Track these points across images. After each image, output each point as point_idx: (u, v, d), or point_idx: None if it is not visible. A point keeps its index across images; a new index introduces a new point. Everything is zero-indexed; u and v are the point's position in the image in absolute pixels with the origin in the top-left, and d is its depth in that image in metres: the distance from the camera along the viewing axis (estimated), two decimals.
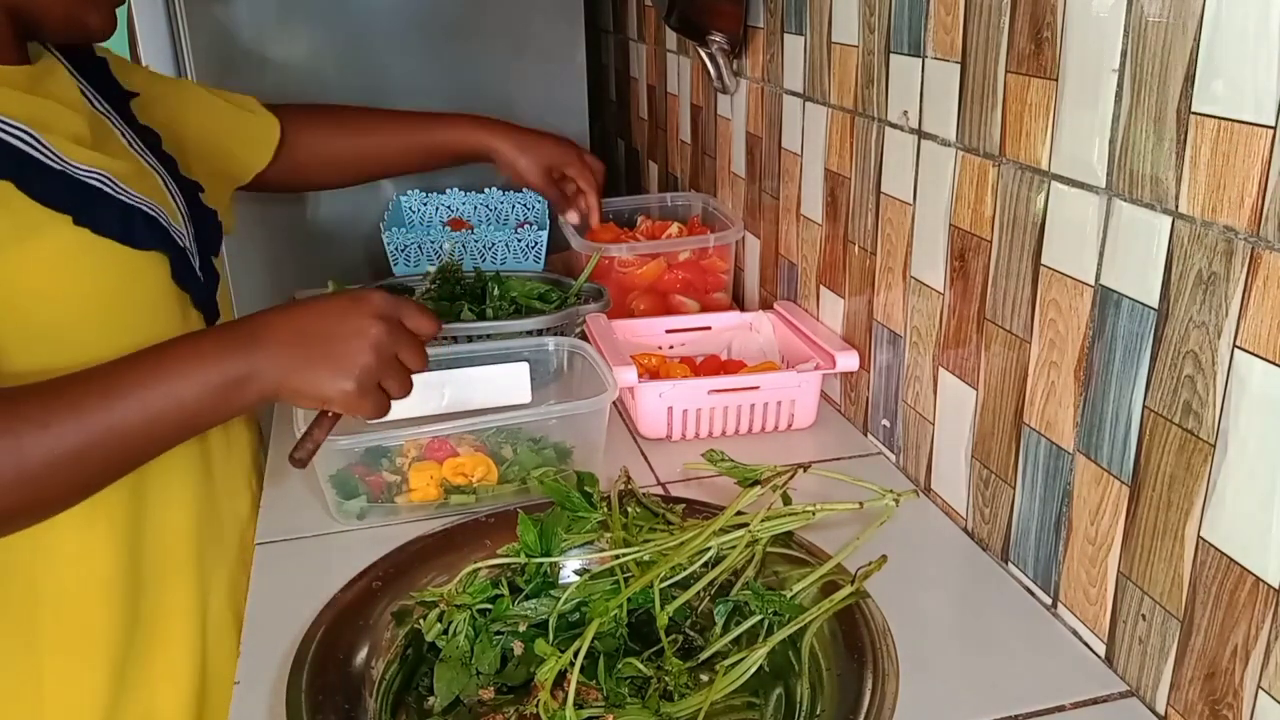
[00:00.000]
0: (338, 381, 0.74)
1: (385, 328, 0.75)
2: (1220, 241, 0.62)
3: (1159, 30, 0.65)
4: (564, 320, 1.21)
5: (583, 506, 0.82)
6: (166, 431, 0.72)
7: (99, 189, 0.79)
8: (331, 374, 0.74)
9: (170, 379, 0.71)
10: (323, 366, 0.74)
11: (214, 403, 0.72)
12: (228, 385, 0.72)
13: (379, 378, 0.76)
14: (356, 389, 0.74)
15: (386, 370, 0.76)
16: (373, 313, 0.75)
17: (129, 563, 0.84)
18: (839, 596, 0.74)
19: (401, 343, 0.76)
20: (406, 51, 1.73)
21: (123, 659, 0.84)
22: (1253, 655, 0.63)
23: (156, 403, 0.70)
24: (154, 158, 0.91)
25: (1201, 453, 0.65)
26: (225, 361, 0.72)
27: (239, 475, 1.00)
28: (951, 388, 0.94)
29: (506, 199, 1.69)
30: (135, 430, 0.70)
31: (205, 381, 0.71)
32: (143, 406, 0.70)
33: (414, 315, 0.78)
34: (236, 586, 0.94)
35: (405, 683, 0.75)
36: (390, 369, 0.76)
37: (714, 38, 1.33)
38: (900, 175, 0.99)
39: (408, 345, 0.77)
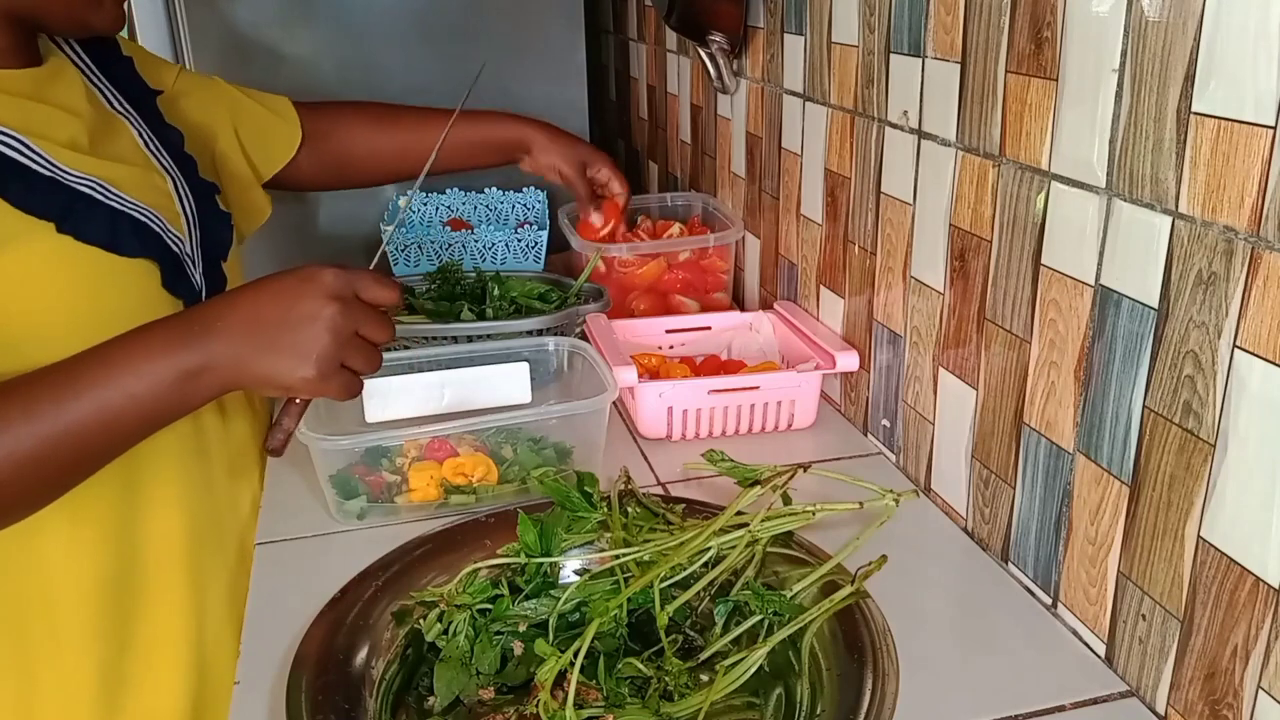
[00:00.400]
0: (296, 369, 0.72)
1: (339, 307, 0.72)
2: (1220, 241, 0.62)
3: (1159, 30, 0.65)
4: (564, 320, 1.21)
5: (583, 506, 0.82)
6: (124, 429, 0.71)
7: (88, 195, 0.78)
8: (289, 361, 0.71)
9: (121, 376, 0.69)
10: (279, 354, 0.71)
11: (171, 397, 0.71)
12: (182, 378, 0.70)
13: (340, 360, 0.73)
14: (317, 375, 0.72)
15: (347, 350, 0.73)
16: (325, 293, 0.72)
17: (120, 564, 0.83)
18: (839, 596, 0.74)
19: (360, 319, 0.74)
20: (406, 51, 1.73)
21: (116, 661, 0.84)
22: (1253, 655, 0.63)
23: (110, 401, 0.69)
24: (169, 159, 0.90)
25: (1201, 453, 0.65)
26: (176, 354, 0.70)
27: (241, 472, 0.99)
28: (951, 388, 0.94)
29: (506, 199, 1.69)
30: (90, 430, 0.69)
31: (158, 376, 0.70)
32: (96, 406, 0.69)
33: (370, 286, 0.75)
34: (238, 587, 0.93)
35: (405, 683, 0.75)
36: (351, 348, 0.73)
37: (714, 38, 1.33)
38: (900, 175, 0.99)
39: (367, 320, 0.74)
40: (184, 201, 0.88)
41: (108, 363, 0.70)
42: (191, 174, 0.92)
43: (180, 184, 0.89)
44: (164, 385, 0.70)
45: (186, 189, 0.90)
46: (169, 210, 0.85)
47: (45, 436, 0.68)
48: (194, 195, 0.90)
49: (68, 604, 0.81)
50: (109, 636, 0.83)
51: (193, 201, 0.90)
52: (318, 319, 0.71)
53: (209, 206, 0.92)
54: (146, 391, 0.70)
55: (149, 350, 0.70)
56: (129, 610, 0.85)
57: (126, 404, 0.70)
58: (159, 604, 0.87)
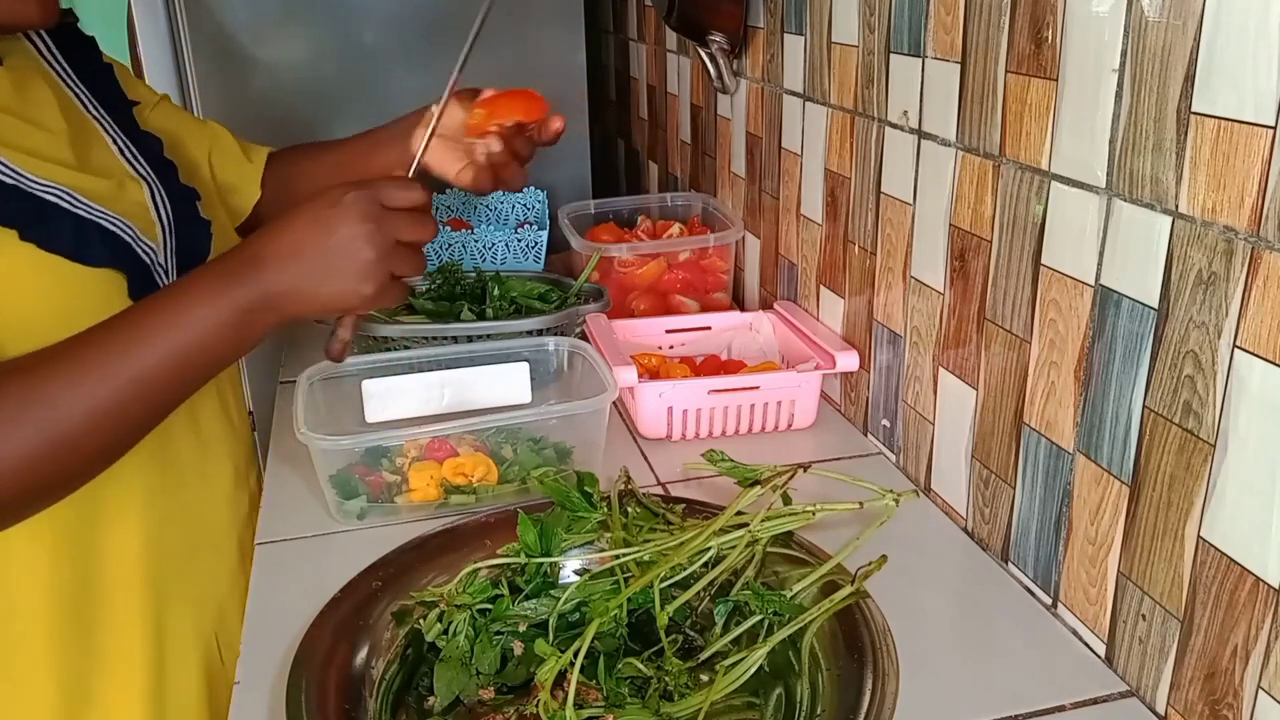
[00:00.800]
0: (355, 289, 0.74)
1: (374, 224, 0.74)
2: (1220, 241, 0.62)
3: (1159, 30, 0.65)
4: (564, 320, 1.21)
5: (583, 506, 0.82)
6: (193, 371, 0.73)
7: (54, 204, 0.76)
8: (345, 284, 0.74)
9: (189, 318, 0.71)
10: (333, 279, 0.74)
11: (237, 334, 0.72)
12: (246, 312, 0.72)
13: (389, 270, 0.75)
14: (374, 290, 0.75)
15: (392, 260, 0.75)
16: (357, 215, 0.74)
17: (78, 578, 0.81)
18: (839, 596, 0.74)
19: (397, 227, 0.76)
20: (406, 51, 1.73)
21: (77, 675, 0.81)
22: (1253, 655, 0.63)
23: (177, 345, 0.70)
24: (147, 166, 0.88)
25: (1201, 453, 0.65)
26: (235, 290, 0.72)
27: (216, 484, 0.95)
28: (951, 388, 0.94)
29: (506, 199, 1.69)
30: (161, 377, 0.70)
31: (220, 317, 0.71)
32: (168, 351, 0.70)
33: (394, 193, 0.77)
34: (205, 602, 0.91)
35: (405, 683, 0.75)
36: (395, 255, 0.75)
37: (714, 38, 1.33)
38: (900, 175, 0.99)
39: (403, 225, 0.76)
40: (160, 209, 0.87)
41: (169, 309, 0.71)
42: (171, 180, 0.90)
43: (158, 191, 0.87)
44: (227, 324, 0.72)
45: (164, 196, 0.88)
46: (142, 219, 0.84)
47: (118, 387, 0.68)
48: (172, 202, 0.88)
49: (26, 618, 0.79)
50: (69, 650, 0.81)
51: (170, 209, 0.88)
52: (358, 238, 0.73)
53: (187, 213, 0.90)
54: (213, 331, 0.71)
55: (205, 293, 0.72)
56: (89, 624, 0.82)
57: (193, 345, 0.71)
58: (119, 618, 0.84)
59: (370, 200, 0.75)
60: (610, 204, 1.58)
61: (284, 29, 1.69)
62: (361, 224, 0.74)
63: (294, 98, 1.71)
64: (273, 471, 1.08)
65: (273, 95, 1.71)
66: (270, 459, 1.10)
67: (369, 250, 0.74)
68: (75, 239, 0.76)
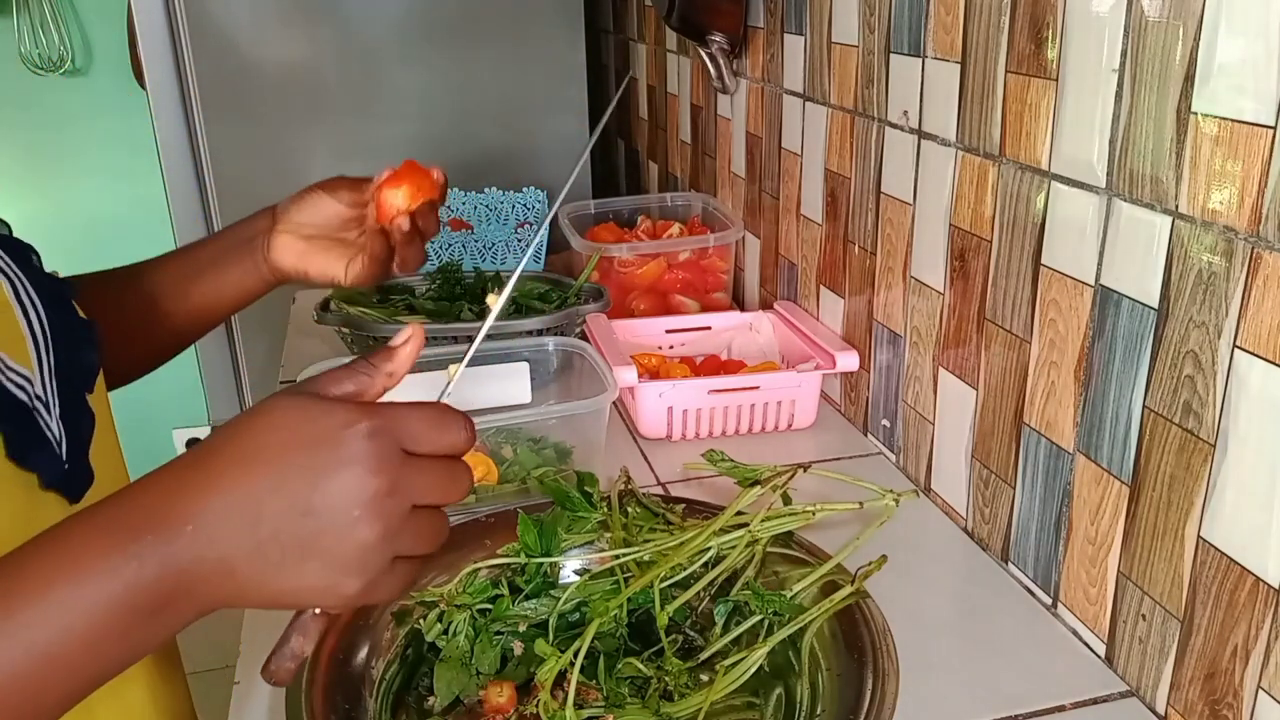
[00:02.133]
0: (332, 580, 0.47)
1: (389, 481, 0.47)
2: (1220, 241, 0.62)
3: (1159, 30, 0.65)
4: (564, 320, 1.21)
5: (583, 506, 0.82)
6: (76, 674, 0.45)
7: None
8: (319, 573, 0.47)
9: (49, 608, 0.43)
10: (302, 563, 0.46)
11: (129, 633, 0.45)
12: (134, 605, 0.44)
13: (391, 552, 0.48)
14: (361, 586, 0.48)
15: (401, 536, 0.48)
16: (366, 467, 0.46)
17: None
18: (839, 596, 0.74)
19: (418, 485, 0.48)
20: (406, 52, 1.74)
21: None
22: (1253, 655, 0.63)
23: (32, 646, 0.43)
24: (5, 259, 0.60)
25: (1201, 453, 0.65)
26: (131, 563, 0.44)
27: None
28: (951, 388, 0.94)
29: (506, 199, 1.69)
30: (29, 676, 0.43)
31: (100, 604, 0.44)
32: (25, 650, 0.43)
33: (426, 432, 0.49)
34: None
35: (405, 683, 0.75)
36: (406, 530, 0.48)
37: (714, 38, 1.33)
38: (900, 175, 0.99)
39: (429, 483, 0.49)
40: (29, 312, 0.59)
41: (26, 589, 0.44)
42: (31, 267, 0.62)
43: (21, 286, 0.59)
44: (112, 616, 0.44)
45: (30, 292, 0.60)
46: (7, 334, 0.57)
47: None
48: (41, 300, 0.60)
49: None
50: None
51: (40, 310, 0.60)
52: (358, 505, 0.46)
53: (61, 314, 0.62)
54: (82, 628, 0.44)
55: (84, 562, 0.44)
56: None
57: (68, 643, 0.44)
58: None
59: (391, 442, 0.47)
60: (610, 204, 1.58)
61: (284, 29, 1.69)
62: (370, 481, 0.46)
63: (294, 98, 1.71)
64: None
65: (272, 95, 1.71)
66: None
67: (371, 527, 0.46)
68: None
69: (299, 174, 1.74)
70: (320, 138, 1.74)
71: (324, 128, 1.74)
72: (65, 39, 2.76)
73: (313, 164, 1.74)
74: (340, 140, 1.74)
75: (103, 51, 2.71)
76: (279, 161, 1.72)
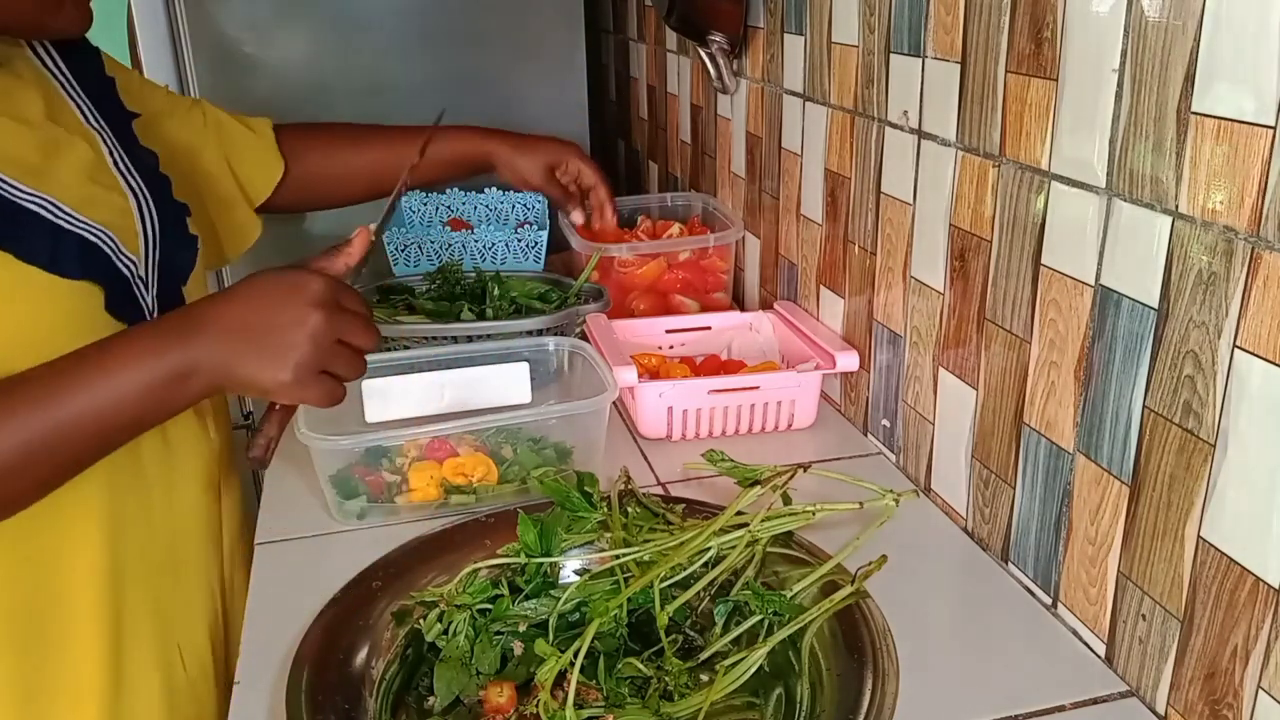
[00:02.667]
0: (274, 372, 0.72)
1: (323, 315, 0.73)
2: (1220, 241, 0.62)
3: (1159, 30, 0.65)
4: (564, 320, 1.21)
5: (583, 506, 0.82)
6: (114, 430, 0.72)
7: (33, 212, 0.76)
8: (270, 366, 0.72)
9: (111, 377, 0.70)
10: (261, 358, 0.72)
11: (158, 399, 0.72)
12: (170, 380, 0.71)
13: (319, 366, 0.74)
14: (294, 380, 0.73)
15: (328, 357, 0.74)
16: (311, 300, 0.73)
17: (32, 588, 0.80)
18: (839, 596, 0.74)
19: (344, 326, 0.75)
20: (406, 52, 1.73)
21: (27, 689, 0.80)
22: (1253, 655, 0.63)
23: (99, 401, 0.70)
24: (139, 179, 0.88)
25: (1201, 453, 0.65)
26: (165, 356, 0.71)
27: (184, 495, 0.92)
28: (951, 388, 0.94)
29: (506, 199, 1.69)
30: (81, 430, 0.70)
31: (146, 379, 0.71)
32: (87, 406, 0.69)
33: (351, 297, 0.77)
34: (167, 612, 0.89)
35: (405, 683, 0.75)
36: (333, 354, 0.74)
37: (714, 38, 1.33)
38: (900, 175, 0.99)
39: (351, 327, 0.75)
40: (146, 222, 0.86)
41: (97, 365, 0.71)
42: (162, 195, 0.90)
43: (145, 204, 0.87)
44: (152, 387, 0.71)
45: (152, 209, 0.87)
46: (125, 230, 0.83)
47: (35, 436, 0.68)
48: (160, 216, 0.88)
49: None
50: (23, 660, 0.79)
51: (156, 222, 0.87)
52: (302, 325, 0.73)
53: (175, 228, 0.90)
54: (135, 393, 0.71)
55: (140, 352, 0.71)
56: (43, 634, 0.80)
57: (115, 405, 0.71)
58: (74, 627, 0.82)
59: (329, 292, 0.74)
60: None
61: (284, 29, 1.69)
62: (312, 310, 0.73)
63: (294, 98, 1.71)
64: (273, 471, 1.08)
65: (272, 95, 1.70)
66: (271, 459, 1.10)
67: (307, 338, 0.73)
68: (52, 250, 0.76)
69: None
70: None
71: None
72: None
73: None
74: None
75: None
76: None
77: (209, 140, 1.09)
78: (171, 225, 0.90)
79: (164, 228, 0.88)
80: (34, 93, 0.84)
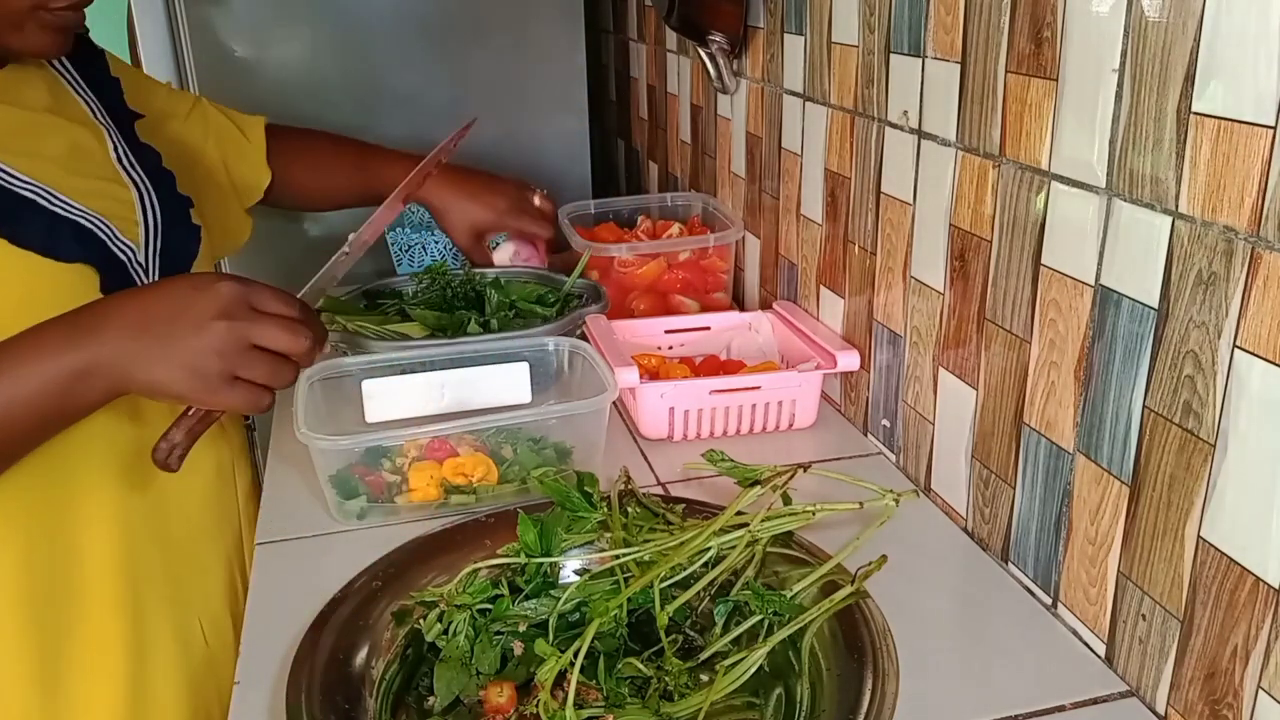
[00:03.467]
0: (178, 380, 0.70)
1: (226, 322, 0.70)
2: (1220, 241, 0.62)
3: (1159, 30, 0.65)
4: (567, 327, 1.21)
5: (583, 506, 0.82)
6: (17, 431, 0.71)
7: (30, 200, 0.78)
8: (171, 371, 0.70)
9: (10, 375, 0.69)
10: (162, 362, 0.70)
11: (58, 400, 0.70)
12: (69, 379, 0.70)
13: (229, 372, 0.71)
14: (201, 386, 0.71)
15: (238, 362, 0.71)
16: (215, 305, 0.71)
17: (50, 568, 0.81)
18: (839, 596, 0.74)
19: (257, 331, 0.72)
20: (406, 52, 1.73)
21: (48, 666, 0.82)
22: (1253, 655, 0.63)
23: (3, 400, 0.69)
24: (142, 174, 0.90)
25: (1201, 453, 0.65)
26: (65, 355, 0.69)
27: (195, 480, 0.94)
28: (951, 388, 0.94)
29: None
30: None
31: (45, 377, 0.69)
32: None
33: (267, 299, 0.73)
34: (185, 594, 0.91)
35: (405, 683, 0.75)
36: (245, 360, 0.71)
37: (714, 38, 1.33)
38: (900, 175, 0.99)
39: (266, 331, 0.72)
40: (148, 213, 0.88)
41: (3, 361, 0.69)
42: (166, 189, 0.92)
43: (148, 197, 0.89)
44: (52, 386, 0.69)
45: (155, 202, 0.89)
46: (124, 219, 0.84)
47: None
48: (163, 208, 0.90)
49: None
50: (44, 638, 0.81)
51: (158, 214, 0.89)
52: (202, 330, 0.70)
53: (178, 218, 0.92)
54: (33, 392, 0.69)
55: (38, 351, 0.70)
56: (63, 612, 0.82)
57: (15, 405, 0.69)
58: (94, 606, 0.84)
59: (238, 295, 0.72)
60: (610, 204, 1.58)
61: (284, 29, 1.69)
62: (218, 313, 0.70)
63: (294, 98, 1.71)
64: (273, 471, 1.08)
65: (273, 95, 1.70)
66: (270, 459, 1.10)
67: (212, 341, 0.70)
68: (47, 235, 0.77)
69: None
70: None
71: (324, 128, 1.73)
72: None
73: None
74: None
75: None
76: None
77: (209, 142, 1.11)
78: (175, 216, 0.91)
79: (166, 219, 0.89)
80: (40, 85, 0.85)
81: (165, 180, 0.93)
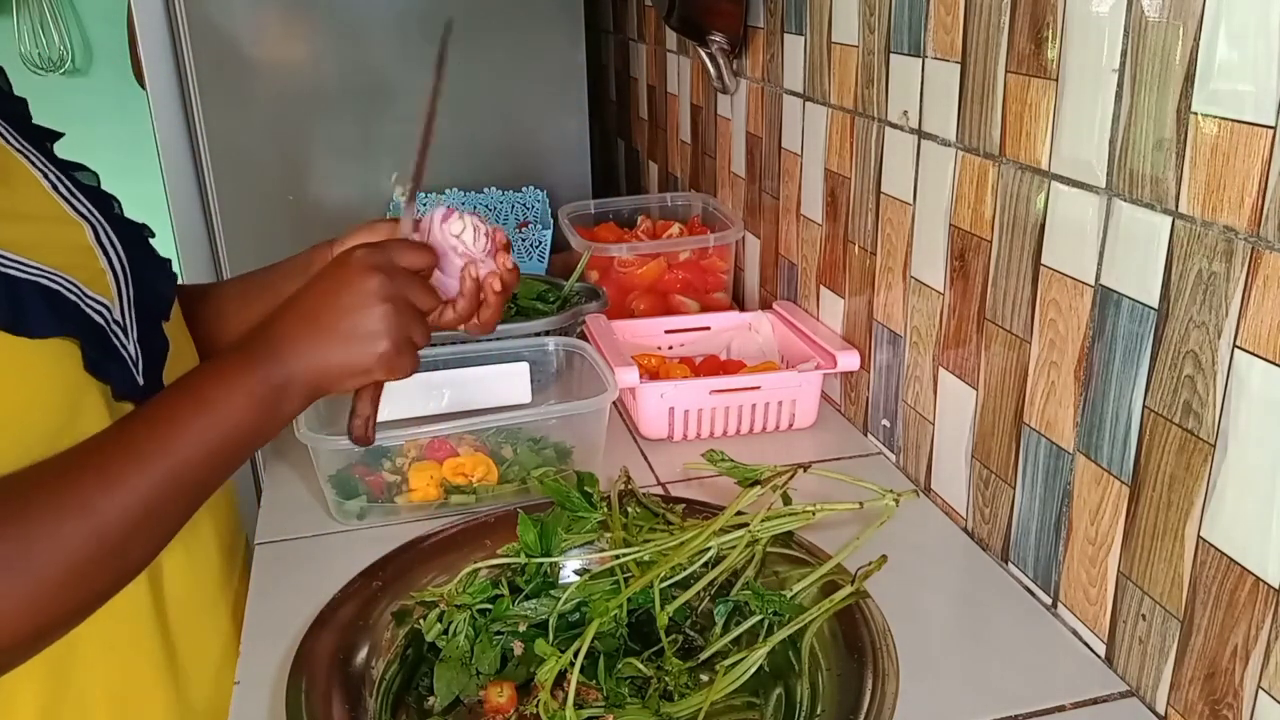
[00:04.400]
0: (370, 349, 0.71)
1: (382, 278, 0.71)
2: (1220, 241, 0.62)
3: (1159, 30, 0.65)
4: (566, 322, 1.21)
5: (583, 506, 0.82)
6: (229, 457, 0.69)
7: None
8: (360, 346, 0.71)
9: (214, 409, 0.67)
10: (349, 343, 0.71)
11: (268, 413, 0.69)
12: (270, 394, 0.69)
13: (406, 330, 0.72)
14: (392, 348, 0.72)
15: (408, 319, 0.73)
16: (364, 269, 0.72)
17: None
18: (839, 596, 0.74)
19: (406, 284, 0.73)
20: (406, 51, 1.73)
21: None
22: (1253, 655, 0.63)
23: (209, 435, 0.67)
24: (85, 200, 0.74)
25: (1201, 453, 0.65)
26: (259, 371, 0.69)
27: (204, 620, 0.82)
28: (951, 388, 0.94)
29: (506, 198, 1.69)
30: (200, 465, 0.66)
31: (250, 396, 0.68)
32: (202, 439, 0.66)
33: (404, 253, 0.75)
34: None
35: (405, 683, 0.75)
36: (410, 316, 0.73)
37: (714, 38, 1.33)
38: (900, 175, 0.99)
39: (411, 284, 0.73)
40: (109, 252, 0.73)
41: (201, 394, 0.68)
42: (113, 214, 0.76)
43: (102, 230, 0.73)
44: (259, 403, 0.69)
45: (110, 235, 0.74)
46: (88, 269, 0.70)
47: (156, 483, 0.64)
48: (121, 242, 0.74)
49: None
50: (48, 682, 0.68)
51: (120, 250, 0.74)
52: (372, 296, 0.71)
53: (141, 253, 0.76)
54: (243, 414, 0.68)
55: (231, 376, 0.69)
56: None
57: (228, 432, 0.68)
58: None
59: (381, 255, 0.73)
60: (610, 204, 1.58)
61: (283, 29, 1.69)
62: (370, 277, 0.71)
63: (294, 98, 1.71)
64: (273, 471, 1.08)
65: (273, 95, 1.71)
66: (270, 459, 1.10)
67: (381, 306, 0.71)
68: (10, 307, 0.62)
69: (299, 174, 1.74)
70: (320, 137, 1.74)
71: (324, 127, 1.74)
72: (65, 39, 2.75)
73: (313, 164, 1.74)
74: (340, 140, 1.74)
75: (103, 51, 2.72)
76: (279, 162, 1.72)
77: None
78: (136, 250, 0.76)
79: (130, 256, 0.75)
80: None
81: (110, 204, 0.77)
